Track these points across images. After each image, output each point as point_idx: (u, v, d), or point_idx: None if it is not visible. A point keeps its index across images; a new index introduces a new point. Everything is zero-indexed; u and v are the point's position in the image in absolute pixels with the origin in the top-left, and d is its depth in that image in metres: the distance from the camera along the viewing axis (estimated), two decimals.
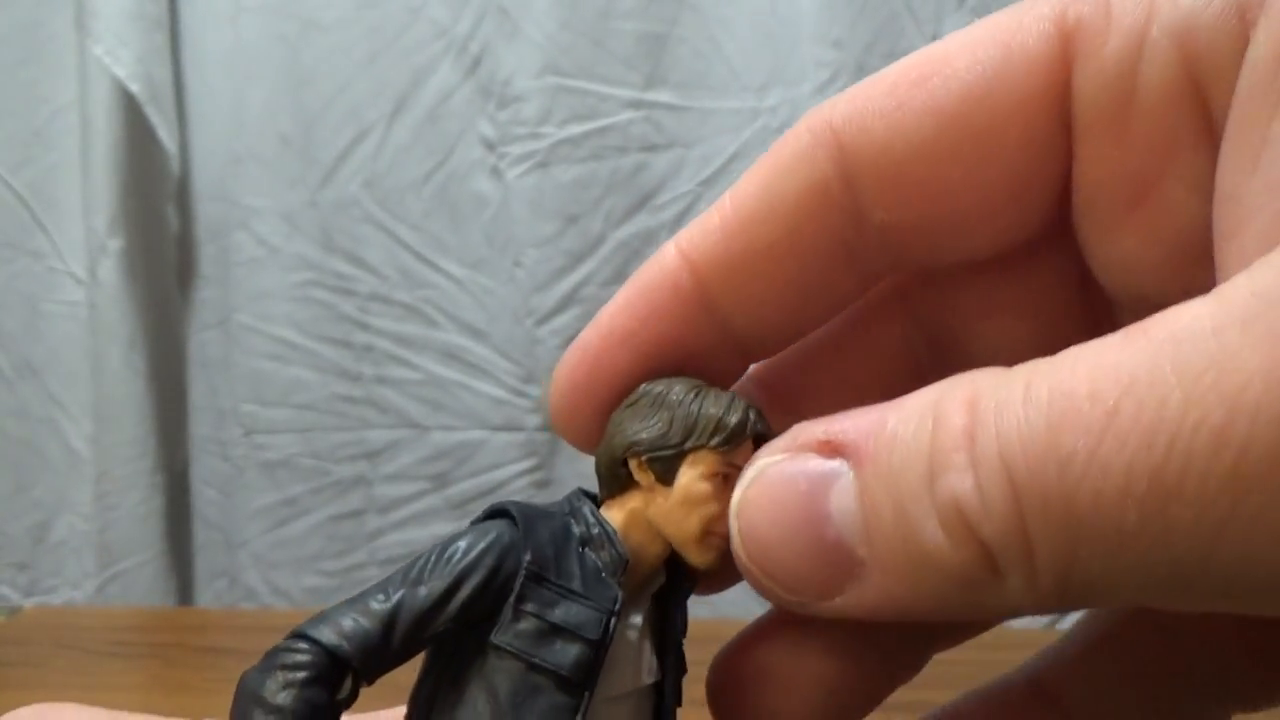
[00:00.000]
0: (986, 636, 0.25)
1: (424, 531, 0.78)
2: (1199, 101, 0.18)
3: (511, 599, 0.20)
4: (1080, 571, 0.15)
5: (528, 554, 0.20)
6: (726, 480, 0.21)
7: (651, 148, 0.75)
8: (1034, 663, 0.24)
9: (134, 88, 0.77)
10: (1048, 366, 0.15)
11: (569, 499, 0.22)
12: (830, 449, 0.18)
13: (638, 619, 0.22)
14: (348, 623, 0.19)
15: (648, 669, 0.22)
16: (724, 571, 0.22)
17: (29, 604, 0.83)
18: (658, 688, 0.22)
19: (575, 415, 0.22)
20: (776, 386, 0.24)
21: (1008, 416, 0.15)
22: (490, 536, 0.20)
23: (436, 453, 0.78)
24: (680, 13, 0.75)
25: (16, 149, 0.82)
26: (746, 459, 0.21)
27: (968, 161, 0.19)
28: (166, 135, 0.79)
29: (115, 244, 0.79)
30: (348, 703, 0.20)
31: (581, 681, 0.20)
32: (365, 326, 0.79)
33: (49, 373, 0.83)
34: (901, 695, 0.24)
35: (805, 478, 0.18)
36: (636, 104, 0.75)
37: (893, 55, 0.70)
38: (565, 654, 0.20)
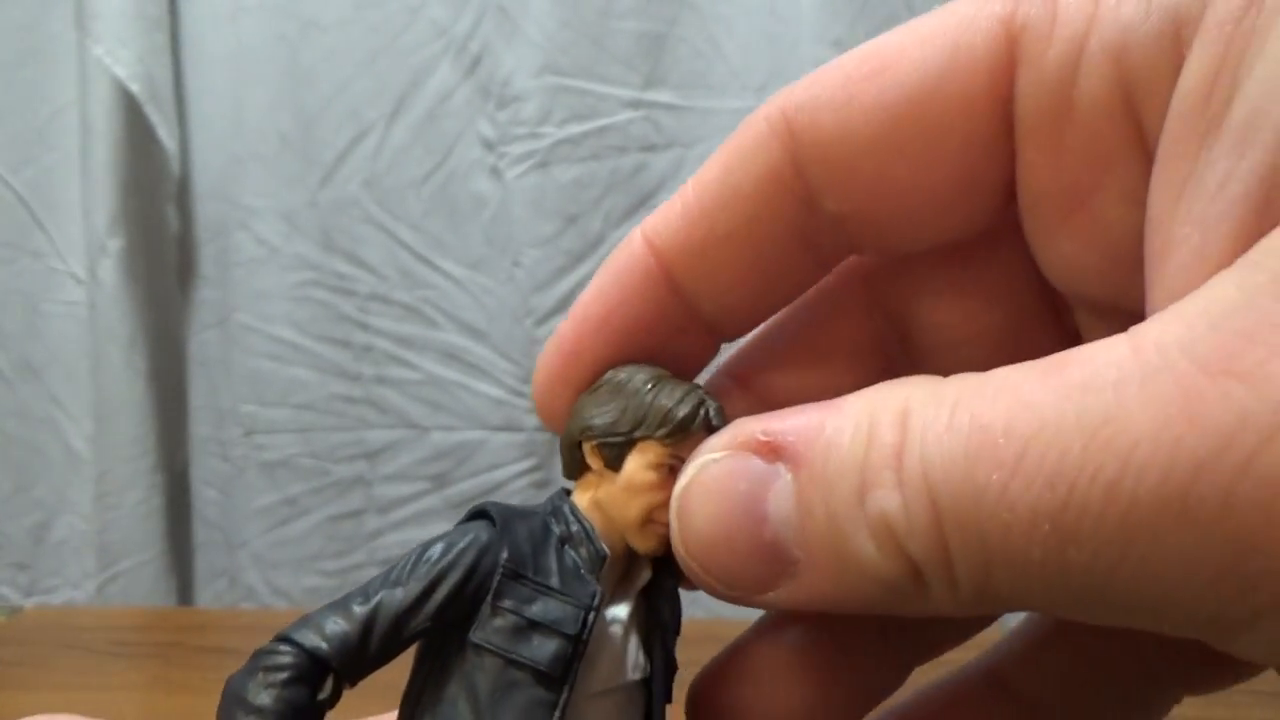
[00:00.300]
0: (979, 638, 0.25)
1: (423, 531, 0.78)
2: (1133, 118, 0.18)
3: (489, 597, 0.20)
4: (995, 588, 0.16)
5: (504, 552, 0.21)
6: (672, 471, 0.21)
7: (651, 148, 0.76)
8: (988, 656, 0.24)
9: (134, 88, 0.77)
10: (973, 391, 0.16)
11: (551, 499, 0.23)
12: (769, 450, 0.18)
13: (622, 614, 0.22)
14: (329, 625, 0.20)
15: (633, 665, 0.22)
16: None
17: (29, 604, 0.83)
18: (647, 684, 0.22)
19: (555, 403, 0.23)
20: (747, 375, 0.24)
21: (932, 440, 0.16)
22: (468, 537, 0.21)
23: (436, 453, 0.78)
24: (680, 12, 0.75)
25: (16, 149, 0.82)
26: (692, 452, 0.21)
27: (914, 159, 0.19)
28: (166, 135, 0.79)
29: (115, 244, 0.79)
30: (331, 703, 0.20)
31: (560, 676, 0.20)
32: (365, 326, 0.79)
33: (49, 373, 0.83)
34: (900, 695, 0.24)
35: (745, 478, 0.18)
36: (636, 104, 0.75)
37: None
38: (543, 649, 0.20)
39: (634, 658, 0.22)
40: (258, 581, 0.81)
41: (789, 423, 0.18)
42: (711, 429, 0.21)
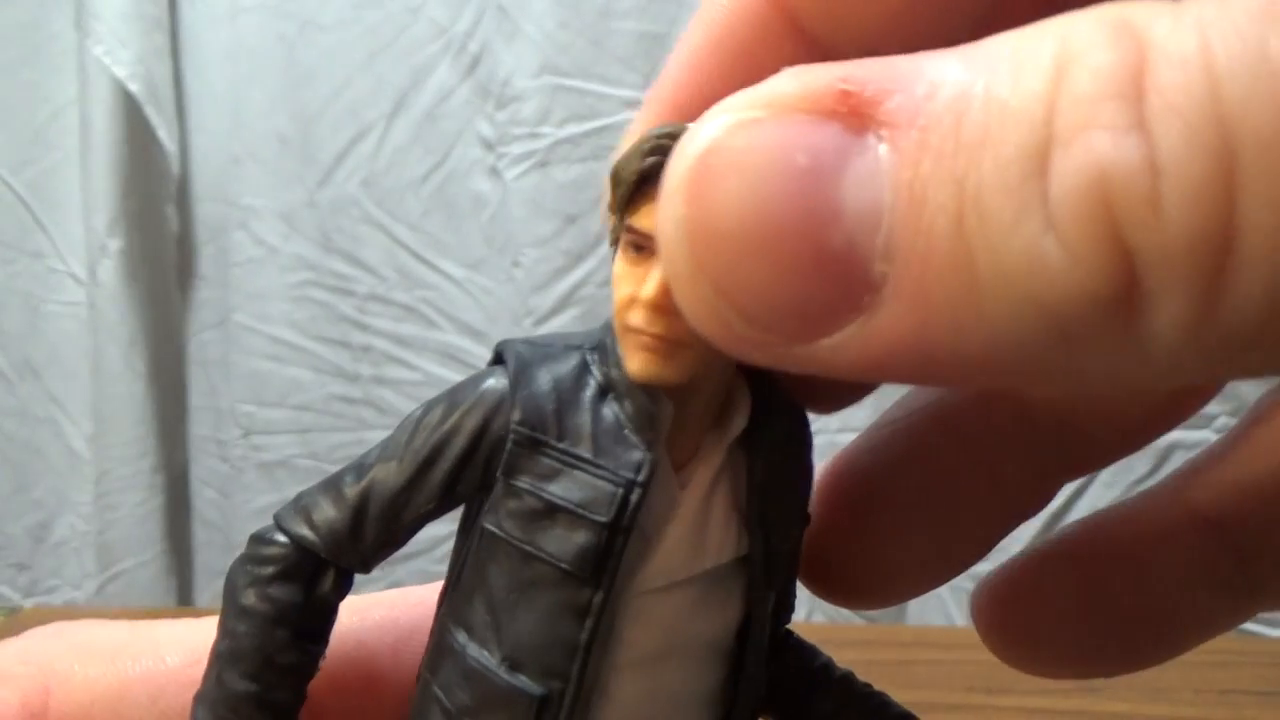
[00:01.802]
0: None
1: (423, 531, 0.78)
2: None
3: (499, 472, 0.16)
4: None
5: (516, 412, 0.16)
6: (639, 253, 0.15)
7: None
8: (1185, 481, 0.20)
9: (134, 87, 0.77)
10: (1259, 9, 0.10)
11: (603, 326, 0.17)
12: (850, 110, 0.12)
13: (703, 478, 0.16)
14: (317, 512, 0.17)
15: (719, 545, 0.17)
16: (826, 386, 0.17)
17: (29, 604, 0.83)
18: (747, 562, 0.17)
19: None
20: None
21: (1224, 58, 0.09)
22: (475, 393, 0.16)
23: None
24: (680, 12, 0.75)
25: (17, 149, 0.82)
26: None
27: None
28: (166, 135, 0.79)
29: (115, 244, 0.79)
30: (339, 592, 0.17)
31: (590, 576, 0.15)
32: (364, 327, 0.79)
33: (49, 373, 0.83)
34: (902, 695, 0.24)
35: (806, 148, 0.12)
36: (636, 104, 0.75)
37: None
38: (567, 542, 0.15)
39: (720, 536, 0.16)
40: None
41: (883, 70, 0.12)
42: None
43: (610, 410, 0.16)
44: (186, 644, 0.19)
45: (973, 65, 0.11)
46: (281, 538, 0.17)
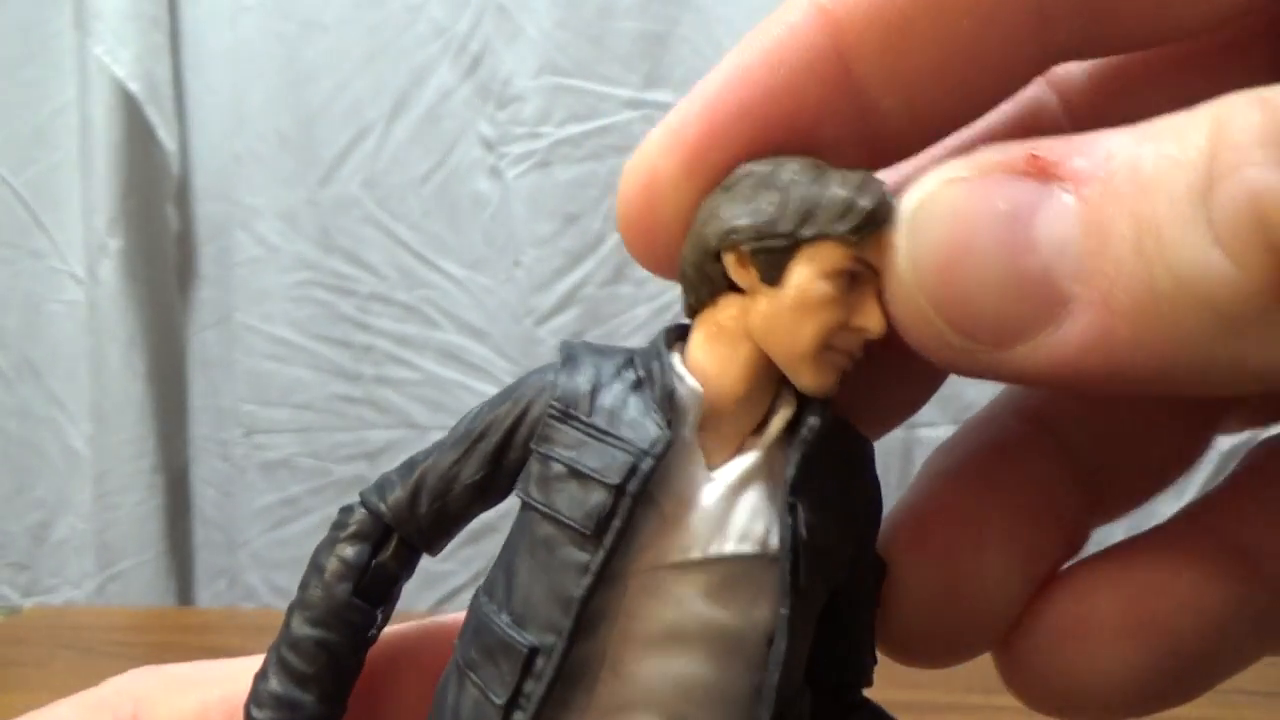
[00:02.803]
0: None
1: None
2: None
3: (533, 441, 0.18)
4: None
5: (557, 391, 0.18)
6: (854, 281, 0.17)
7: None
8: (1026, 396, 0.22)
9: (134, 87, 0.77)
10: None
11: (658, 336, 0.19)
12: (1040, 169, 0.15)
13: (735, 468, 0.17)
14: (389, 486, 0.19)
15: (741, 533, 0.17)
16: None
17: (29, 604, 0.83)
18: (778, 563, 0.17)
19: (665, 214, 0.18)
20: None
21: None
22: (526, 383, 0.18)
23: None
24: (680, 12, 0.75)
25: (17, 149, 0.82)
26: (880, 255, 0.16)
27: None
28: (166, 135, 0.79)
29: (115, 244, 0.79)
30: (401, 564, 0.20)
31: (592, 534, 0.16)
32: (365, 326, 0.79)
33: (49, 373, 0.83)
34: (901, 695, 0.24)
35: (1004, 197, 0.15)
36: (636, 103, 0.75)
37: None
38: (578, 502, 0.17)
39: (745, 524, 0.17)
40: (258, 581, 0.81)
41: (1065, 146, 0.15)
42: (885, 221, 0.16)
43: (640, 396, 0.17)
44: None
45: (1141, 137, 0.14)
46: (359, 508, 0.20)
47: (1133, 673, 0.19)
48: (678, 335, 0.18)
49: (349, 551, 0.19)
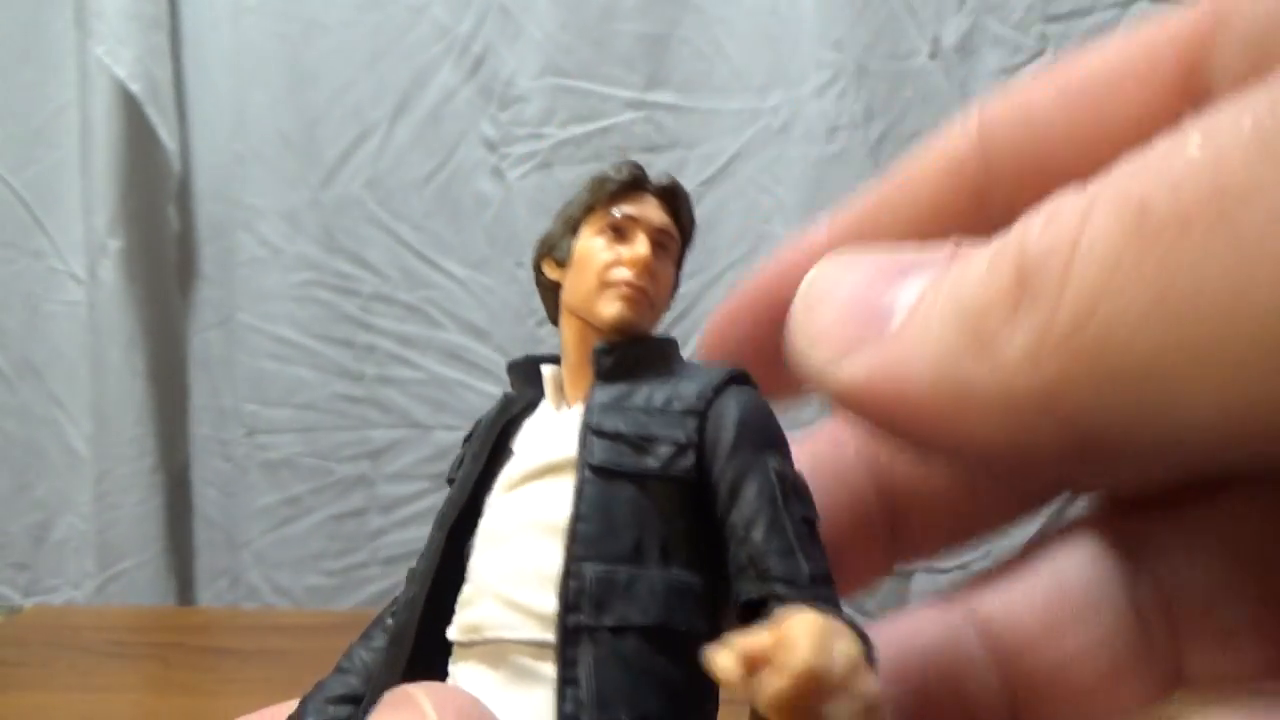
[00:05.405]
0: None
1: (426, 530, 0.78)
2: None
3: None
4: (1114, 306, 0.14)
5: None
6: (617, 233, 0.23)
7: (653, 148, 0.75)
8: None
9: (134, 87, 0.76)
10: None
11: None
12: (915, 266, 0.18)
13: (575, 410, 0.22)
14: None
15: (560, 447, 0.22)
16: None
17: (29, 604, 0.83)
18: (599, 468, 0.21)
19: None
20: None
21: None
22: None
23: (438, 452, 0.78)
24: (681, 13, 0.75)
25: (16, 149, 0.82)
26: (644, 212, 0.23)
27: None
28: (167, 135, 0.79)
29: (115, 244, 0.79)
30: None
31: (451, 481, 0.24)
32: (367, 326, 0.79)
33: (49, 373, 0.83)
34: None
35: (889, 260, 0.18)
36: (638, 104, 0.75)
37: (893, 55, 0.71)
38: (459, 469, 0.23)
39: (564, 440, 0.22)
40: (260, 581, 0.81)
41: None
42: (664, 190, 0.23)
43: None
44: None
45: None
46: None
47: None
48: None
49: None
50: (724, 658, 0.15)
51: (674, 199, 0.24)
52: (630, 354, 0.22)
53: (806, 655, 0.15)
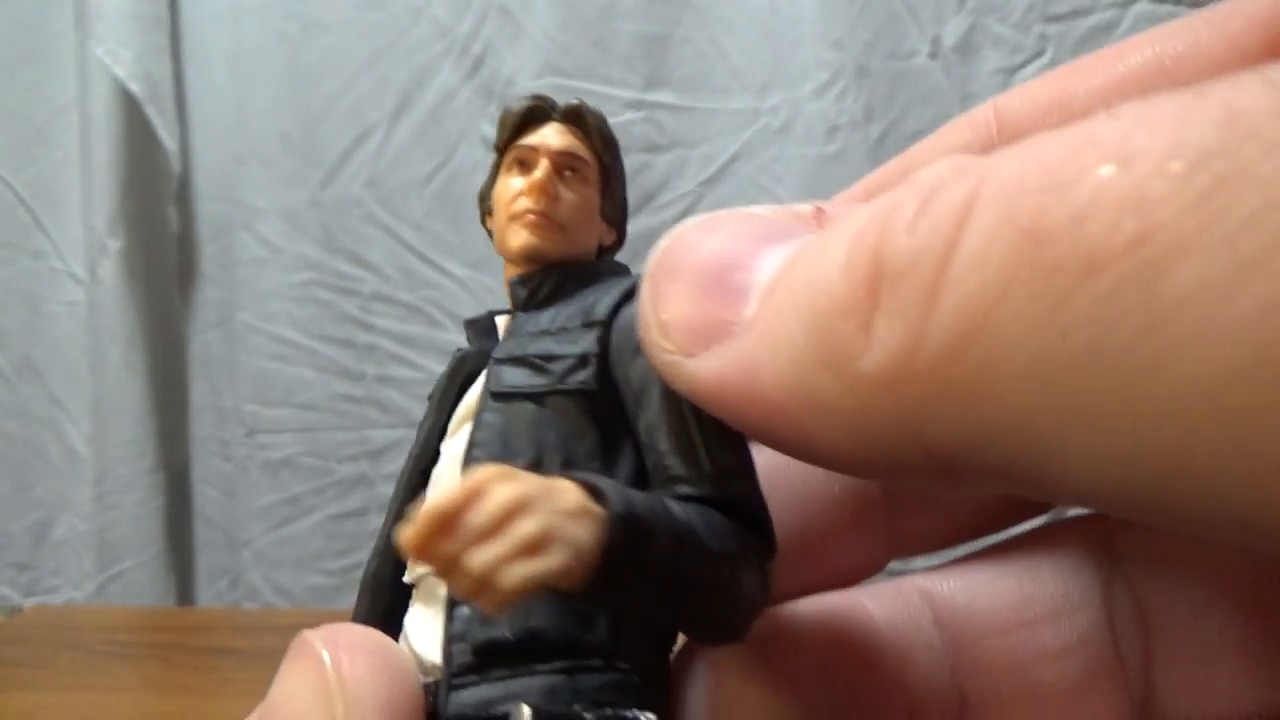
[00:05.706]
0: None
1: None
2: None
3: None
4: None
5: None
6: (523, 165, 0.23)
7: (653, 148, 0.75)
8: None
9: (134, 87, 0.76)
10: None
11: None
12: (819, 224, 0.16)
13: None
14: None
15: (496, 379, 0.22)
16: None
17: (29, 604, 0.83)
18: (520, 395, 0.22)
19: None
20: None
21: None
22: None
23: None
24: (681, 13, 0.75)
25: (17, 149, 0.82)
26: (543, 139, 0.22)
27: None
28: (167, 135, 0.79)
29: (115, 244, 0.79)
30: None
31: (434, 410, 0.24)
32: (367, 326, 0.79)
33: (49, 373, 0.83)
34: None
35: (752, 223, 0.16)
36: (638, 104, 0.75)
37: (893, 55, 0.71)
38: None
39: (500, 374, 0.22)
40: (260, 581, 0.81)
41: (855, 207, 0.15)
42: (573, 112, 0.23)
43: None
44: None
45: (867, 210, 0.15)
46: None
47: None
48: None
49: None
50: (403, 529, 0.15)
51: (579, 120, 0.23)
52: (546, 281, 0.23)
53: (437, 500, 0.14)
